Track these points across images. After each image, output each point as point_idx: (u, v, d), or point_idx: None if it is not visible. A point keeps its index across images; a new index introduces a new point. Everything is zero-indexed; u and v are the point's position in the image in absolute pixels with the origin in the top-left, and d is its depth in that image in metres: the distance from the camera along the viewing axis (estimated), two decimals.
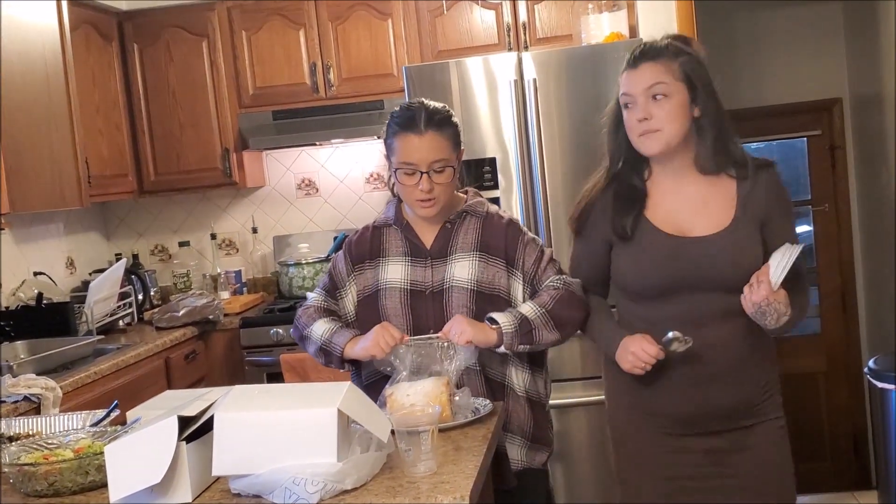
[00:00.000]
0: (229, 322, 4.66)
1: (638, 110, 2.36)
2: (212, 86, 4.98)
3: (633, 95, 2.37)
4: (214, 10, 4.95)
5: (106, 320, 4.37)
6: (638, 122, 2.36)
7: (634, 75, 2.38)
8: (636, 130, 2.38)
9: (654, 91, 2.34)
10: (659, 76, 2.35)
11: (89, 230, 5.21)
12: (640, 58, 2.38)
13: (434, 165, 2.49)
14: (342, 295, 2.71)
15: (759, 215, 2.40)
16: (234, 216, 5.40)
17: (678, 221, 2.42)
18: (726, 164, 2.42)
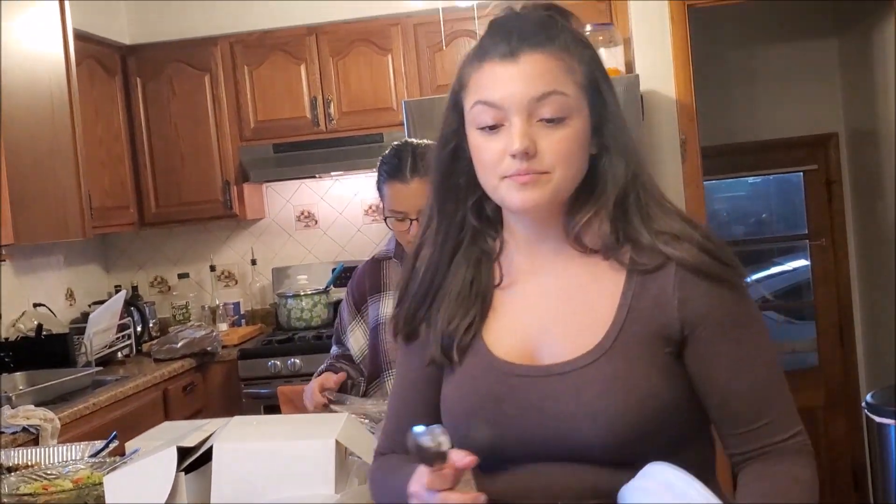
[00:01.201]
0: (227, 354, 4.68)
1: (512, 137, 1.32)
2: (213, 119, 5.02)
3: (505, 110, 1.32)
4: (217, 45, 5.00)
5: (105, 352, 4.38)
6: (512, 158, 1.32)
7: (507, 72, 1.33)
8: (504, 170, 1.34)
9: (544, 106, 1.32)
10: (554, 80, 1.33)
11: (89, 262, 5.23)
12: (520, 43, 1.34)
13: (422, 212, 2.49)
14: (345, 340, 2.75)
15: (667, 329, 1.34)
16: (234, 248, 5.42)
17: (526, 338, 1.41)
18: (622, 240, 1.39)
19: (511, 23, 1.35)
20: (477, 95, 1.34)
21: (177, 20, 5.05)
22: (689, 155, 4.50)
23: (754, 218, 6.50)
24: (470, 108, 1.35)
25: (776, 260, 6.40)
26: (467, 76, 1.36)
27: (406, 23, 4.86)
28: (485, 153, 1.34)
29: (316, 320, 4.97)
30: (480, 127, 1.33)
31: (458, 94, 1.39)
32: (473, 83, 1.34)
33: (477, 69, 1.34)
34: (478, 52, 1.36)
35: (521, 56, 1.31)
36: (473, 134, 1.35)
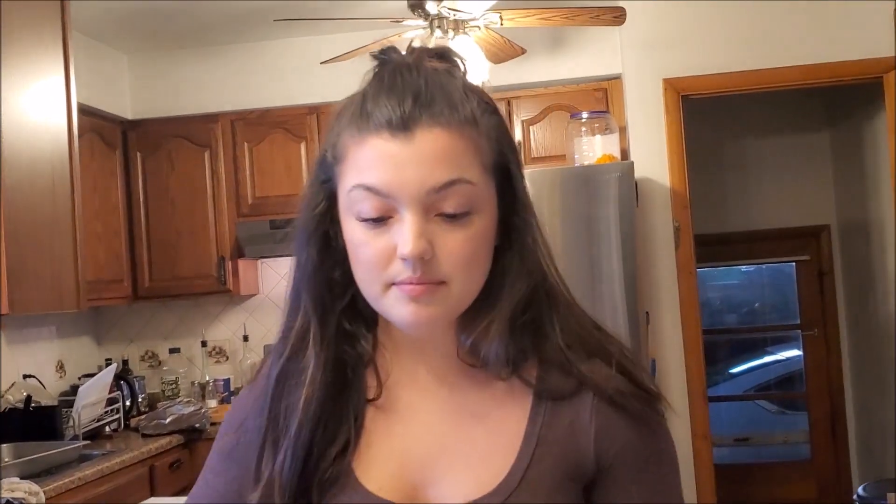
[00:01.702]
0: (216, 431, 4.60)
1: (403, 236, 1.00)
2: (211, 194, 5.05)
3: (394, 200, 1.00)
4: (218, 121, 5.06)
5: (93, 425, 4.34)
6: (402, 262, 1.01)
7: (399, 153, 1.00)
8: (392, 275, 1.02)
9: (445, 199, 1.00)
10: (458, 164, 1.01)
11: (81, 334, 5.21)
12: (416, 111, 1.00)
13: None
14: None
15: (581, 466, 1.09)
16: (226, 323, 5.41)
17: (409, 471, 1.10)
18: (527, 354, 1.10)
19: (403, 77, 1.02)
20: (357, 177, 1.00)
21: (179, 97, 5.11)
22: (683, 242, 4.53)
23: (747, 307, 6.52)
24: (348, 192, 1.01)
25: (768, 349, 6.41)
26: (344, 146, 1.03)
27: None
28: (366, 251, 1.01)
29: None
30: (361, 218, 1.01)
31: (329, 166, 1.06)
32: (352, 158, 1.01)
33: (357, 141, 1.01)
34: (359, 113, 1.02)
35: (418, 131, 0.98)
36: (351, 223, 1.03)
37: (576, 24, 3.95)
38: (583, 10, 3.91)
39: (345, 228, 1.05)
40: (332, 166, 1.05)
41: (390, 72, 1.04)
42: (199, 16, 4.63)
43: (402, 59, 1.06)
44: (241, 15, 4.64)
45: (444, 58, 1.08)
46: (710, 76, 4.54)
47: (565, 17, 3.89)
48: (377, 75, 1.05)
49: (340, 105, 1.07)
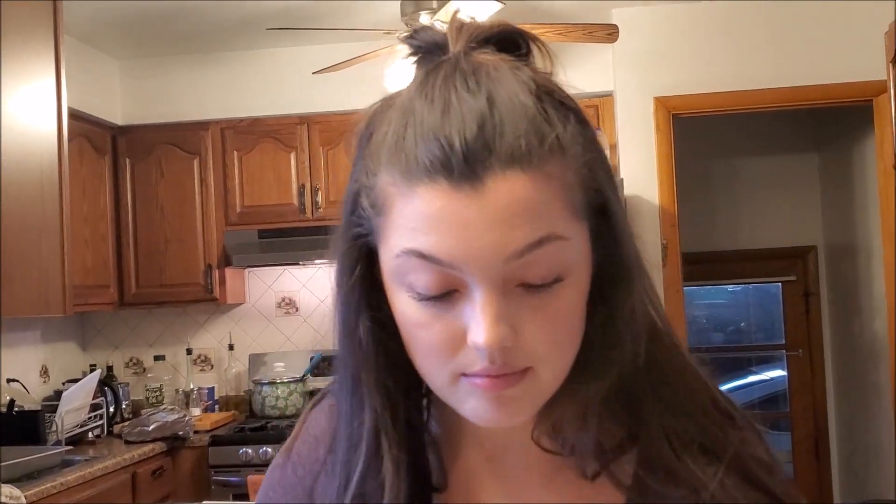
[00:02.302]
0: (199, 439, 4.61)
1: (476, 319, 0.72)
2: (200, 202, 5.04)
3: (461, 271, 0.72)
4: (209, 129, 5.05)
5: (76, 431, 4.32)
6: (477, 352, 0.73)
7: (464, 210, 0.70)
8: (463, 365, 0.75)
9: (530, 265, 0.72)
10: (545, 215, 0.72)
11: (66, 339, 5.19)
12: (482, 147, 0.70)
13: None
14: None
15: None
16: (212, 332, 5.39)
17: None
18: (622, 444, 0.84)
19: (458, 92, 0.73)
20: (408, 240, 0.72)
21: (170, 104, 5.11)
22: (670, 260, 4.54)
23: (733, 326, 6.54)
24: (395, 256, 0.74)
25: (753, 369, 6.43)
26: (386, 195, 0.74)
27: None
28: (425, 336, 0.75)
29: (290, 409, 4.92)
30: (416, 294, 0.74)
31: (365, 218, 0.77)
32: (399, 213, 0.73)
33: (404, 191, 0.72)
34: (402, 149, 0.73)
35: (489, 177, 0.70)
36: (402, 296, 0.76)
37: (568, 40, 3.96)
38: (576, 26, 3.92)
39: (393, 300, 0.77)
40: (370, 218, 0.76)
41: (440, 83, 0.74)
42: (191, 23, 4.63)
43: (448, 55, 0.77)
44: (233, 23, 4.64)
45: (503, 42, 0.80)
46: (702, 95, 4.56)
47: (558, 33, 3.90)
48: (421, 85, 0.75)
49: (371, 118, 0.79)
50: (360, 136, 0.79)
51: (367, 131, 0.78)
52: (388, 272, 0.76)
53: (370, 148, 0.76)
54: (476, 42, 0.78)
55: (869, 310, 5.25)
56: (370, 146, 0.76)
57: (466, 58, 0.75)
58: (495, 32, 0.79)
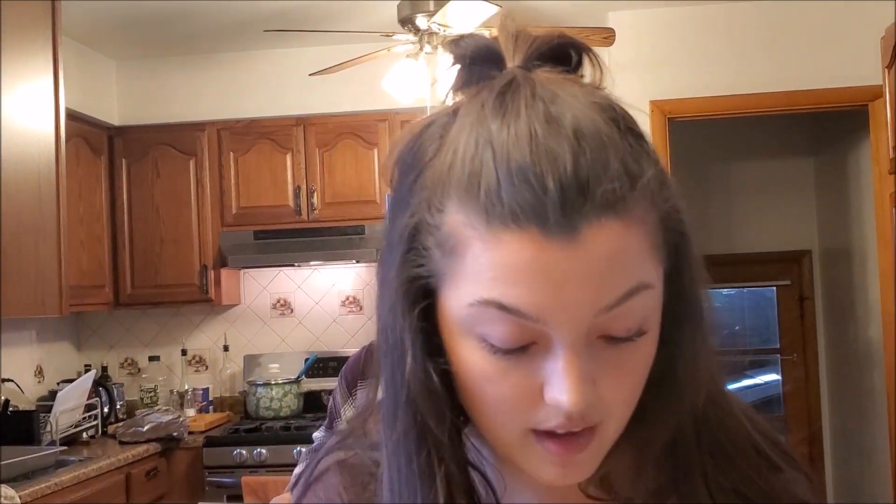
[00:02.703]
0: (193, 440, 4.61)
1: (560, 378, 0.66)
2: (196, 203, 5.04)
3: (547, 325, 0.65)
4: (205, 130, 5.05)
5: (70, 431, 4.32)
6: (554, 410, 0.67)
7: (560, 261, 0.64)
8: (535, 421, 0.69)
9: (617, 318, 0.66)
10: (636, 264, 0.67)
11: (61, 339, 5.18)
12: (577, 194, 0.63)
13: None
14: (338, 424, 2.75)
15: None
16: (207, 333, 5.39)
17: None
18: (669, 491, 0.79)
19: (546, 125, 0.65)
20: (489, 289, 0.65)
21: (166, 104, 5.11)
22: None
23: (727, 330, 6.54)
24: (468, 304, 0.66)
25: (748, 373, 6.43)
26: (460, 237, 0.66)
27: (393, 119, 4.94)
28: (496, 390, 0.69)
29: (285, 410, 4.92)
30: (490, 345, 0.67)
31: (428, 257, 0.69)
32: (476, 259, 0.65)
33: (486, 237, 0.65)
34: (482, 189, 0.65)
35: (585, 227, 0.63)
36: (469, 345, 0.68)
37: None
38: (572, 29, 3.92)
39: (457, 347, 0.69)
40: (435, 260, 0.68)
41: (516, 107, 0.66)
42: (188, 24, 4.62)
43: (505, 69, 0.71)
44: (230, 24, 4.64)
45: (558, 54, 0.72)
46: (697, 99, 4.57)
47: None
48: (494, 108, 0.66)
49: (420, 139, 0.71)
50: (408, 158, 0.71)
51: (418, 153, 0.70)
52: (454, 319, 0.68)
53: (430, 176, 0.68)
54: (537, 56, 0.71)
55: (864, 314, 5.26)
56: (430, 173, 0.68)
57: (531, 75, 0.69)
58: (555, 45, 0.72)
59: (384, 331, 0.73)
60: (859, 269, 5.28)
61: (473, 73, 0.72)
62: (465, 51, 0.73)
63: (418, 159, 0.70)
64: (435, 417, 0.71)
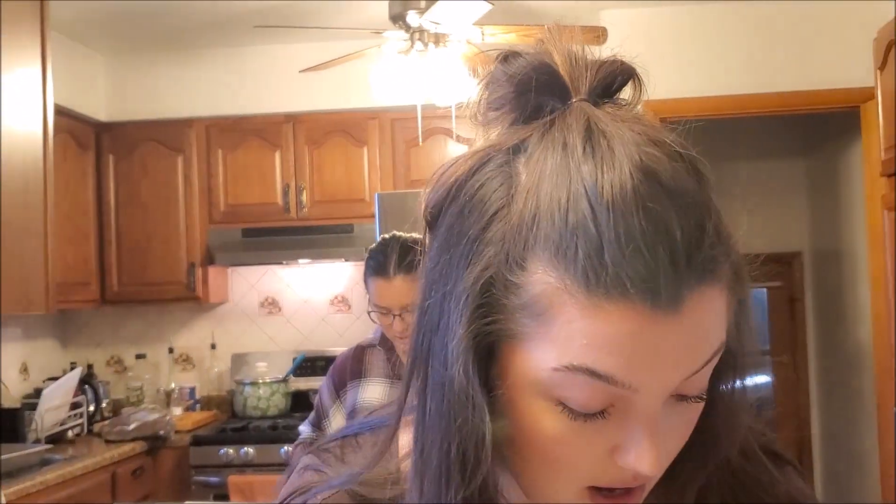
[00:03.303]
0: (179, 439, 4.58)
1: (638, 446, 0.65)
2: (183, 200, 5.00)
3: (638, 391, 0.63)
4: (193, 126, 5.02)
5: (56, 429, 4.28)
6: (616, 468, 0.66)
7: (663, 335, 0.61)
8: (593, 477, 0.68)
9: (695, 380, 0.65)
10: (719, 330, 0.65)
11: (47, 337, 5.14)
12: (683, 265, 0.61)
13: (406, 308, 2.49)
14: (326, 426, 2.75)
15: None
16: (194, 331, 5.35)
17: None
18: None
19: (647, 183, 0.62)
20: (579, 356, 0.62)
21: (154, 100, 5.07)
22: None
23: None
24: (552, 369, 0.63)
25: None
26: (554, 301, 0.62)
27: (384, 117, 4.91)
28: (563, 451, 0.66)
29: (273, 409, 4.89)
30: (569, 412, 0.64)
31: (508, 316, 0.65)
32: (566, 324, 0.61)
33: (584, 304, 0.61)
34: (582, 253, 0.60)
35: (687, 297, 0.61)
36: (539, 406, 0.65)
37: None
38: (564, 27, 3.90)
39: (525, 406, 0.66)
40: (517, 320, 0.64)
41: (619, 170, 0.61)
42: (177, 19, 4.59)
43: (571, 102, 0.67)
44: (220, 20, 4.60)
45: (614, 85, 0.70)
46: (689, 100, 4.55)
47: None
48: (587, 158, 0.62)
49: (475, 175, 0.67)
50: (465, 200, 0.67)
51: (477, 196, 0.66)
52: (530, 380, 0.64)
53: (505, 227, 0.64)
54: (601, 88, 0.68)
55: (853, 316, 5.26)
56: (504, 224, 0.64)
57: (605, 113, 0.65)
58: (619, 77, 0.70)
59: (441, 382, 0.67)
60: (850, 271, 5.28)
61: (528, 103, 0.67)
62: (523, 76, 0.67)
63: (483, 203, 0.65)
64: (482, 475, 0.67)
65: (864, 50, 4.14)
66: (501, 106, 0.69)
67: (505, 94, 0.68)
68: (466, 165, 0.67)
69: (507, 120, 0.68)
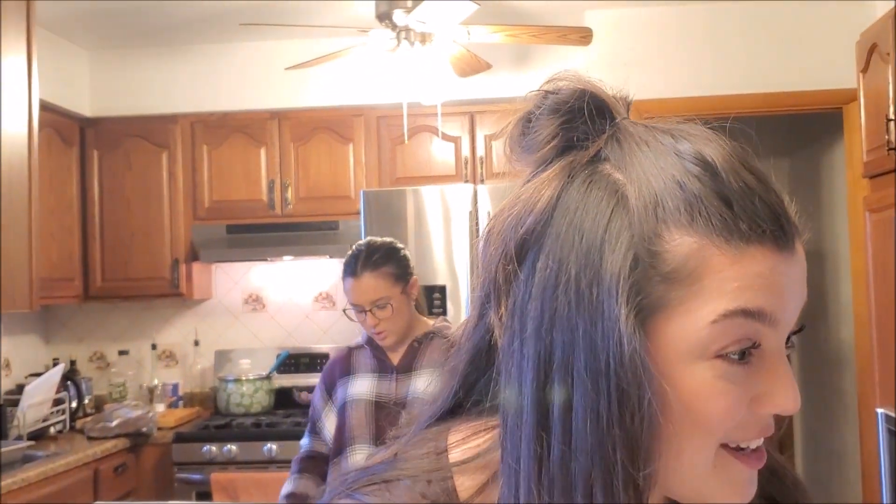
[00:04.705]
0: (162, 436, 4.57)
1: (786, 383, 0.74)
2: (168, 196, 4.99)
3: (777, 327, 0.73)
4: (178, 122, 5.00)
5: (38, 426, 4.26)
6: (757, 419, 0.74)
7: (790, 270, 0.74)
8: (736, 429, 0.74)
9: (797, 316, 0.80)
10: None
11: (29, 332, 5.12)
12: (792, 215, 0.77)
13: (375, 303, 2.68)
14: (320, 427, 2.86)
15: None
16: (177, 327, 5.34)
17: None
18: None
19: (745, 164, 0.75)
20: (732, 300, 0.69)
21: (139, 96, 5.05)
22: None
23: None
24: (710, 322, 0.69)
25: None
26: (701, 259, 0.70)
27: (369, 114, 4.91)
28: (720, 403, 0.70)
29: (256, 407, 4.89)
30: (726, 361, 0.70)
31: (654, 289, 0.70)
32: (716, 275, 0.69)
33: (731, 252, 0.69)
34: (720, 214, 0.70)
35: (797, 245, 0.74)
36: (698, 368, 0.70)
37: (542, 42, 3.95)
38: (549, 28, 3.91)
39: (678, 376, 0.70)
40: (661, 292, 0.70)
41: (714, 147, 0.74)
42: (163, 15, 4.58)
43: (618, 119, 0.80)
44: (205, 16, 4.59)
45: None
46: (673, 100, 4.56)
47: (532, 35, 3.89)
48: (683, 142, 0.74)
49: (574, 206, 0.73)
50: (565, 215, 0.73)
51: (579, 207, 0.73)
52: (686, 345, 0.70)
53: (630, 215, 0.71)
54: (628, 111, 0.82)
55: (836, 316, 5.29)
56: (629, 214, 0.71)
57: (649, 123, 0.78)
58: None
59: (598, 375, 0.69)
60: (832, 271, 5.31)
61: (580, 126, 0.76)
62: (575, 102, 0.77)
63: (595, 208, 0.72)
64: (653, 466, 0.70)
65: (847, 52, 4.16)
66: (554, 136, 0.76)
67: (556, 123, 0.77)
68: (549, 189, 0.74)
69: (557, 148, 0.76)
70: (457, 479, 0.76)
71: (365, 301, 2.68)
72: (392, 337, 2.72)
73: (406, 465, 0.78)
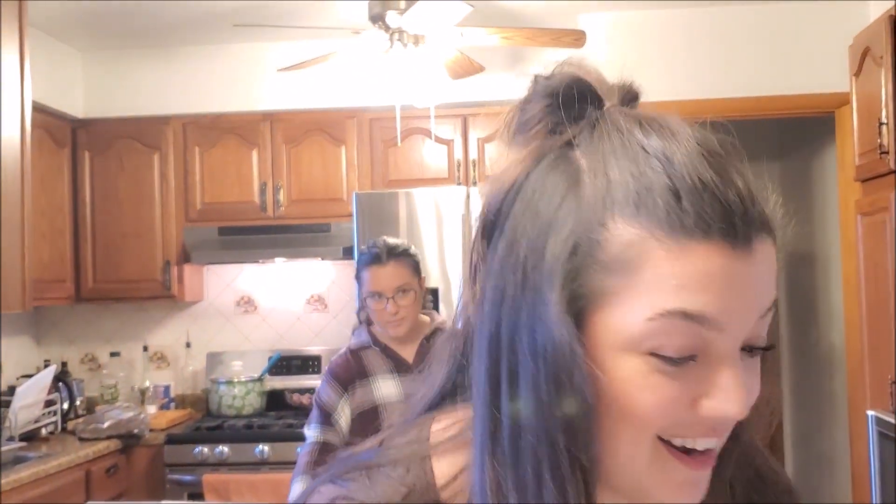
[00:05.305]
0: (154, 437, 4.56)
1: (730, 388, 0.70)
2: (160, 198, 4.98)
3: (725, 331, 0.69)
4: (170, 124, 5.00)
5: (29, 427, 4.25)
6: (698, 418, 0.71)
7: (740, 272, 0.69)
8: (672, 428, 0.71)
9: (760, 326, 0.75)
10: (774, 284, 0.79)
11: (20, 333, 5.11)
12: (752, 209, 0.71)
13: (400, 288, 2.79)
14: (336, 419, 2.88)
15: None
16: (169, 329, 5.33)
17: None
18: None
19: (721, 151, 0.73)
20: (671, 299, 0.67)
21: (131, 97, 5.05)
22: None
23: None
24: (647, 319, 0.67)
25: None
26: (640, 251, 0.68)
27: (362, 116, 4.91)
28: (648, 399, 0.69)
29: (248, 409, 4.88)
30: (661, 360, 0.68)
31: (593, 276, 0.69)
32: (656, 270, 0.67)
33: (671, 249, 0.67)
34: (659, 203, 0.68)
35: (756, 241, 0.69)
36: (629, 361, 0.69)
37: (536, 44, 3.96)
38: (543, 31, 3.92)
39: (611, 365, 0.69)
40: (600, 280, 0.69)
41: (681, 138, 0.72)
42: (155, 16, 4.57)
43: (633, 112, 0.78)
44: (198, 17, 4.59)
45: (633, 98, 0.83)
46: (665, 104, 4.57)
47: (526, 38, 3.90)
48: (649, 134, 0.72)
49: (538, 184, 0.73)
50: (528, 193, 0.73)
51: (539, 187, 0.72)
52: (621, 337, 0.69)
53: (579, 201, 0.70)
54: (627, 97, 0.81)
55: (826, 319, 5.31)
56: (579, 199, 0.70)
57: (639, 111, 0.77)
58: (637, 89, 0.83)
59: (536, 357, 0.70)
60: (823, 274, 5.33)
61: (570, 110, 0.75)
62: (564, 87, 0.76)
63: (552, 189, 0.71)
64: (593, 448, 0.70)
65: (840, 55, 4.18)
66: (539, 120, 0.76)
67: (542, 107, 0.76)
68: (517, 170, 0.74)
69: (544, 132, 0.75)
70: (435, 465, 0.77)
71: (389, 287, 2.80)
72: (407, 324, 2.82)
73: (389, 452, 0.79)
